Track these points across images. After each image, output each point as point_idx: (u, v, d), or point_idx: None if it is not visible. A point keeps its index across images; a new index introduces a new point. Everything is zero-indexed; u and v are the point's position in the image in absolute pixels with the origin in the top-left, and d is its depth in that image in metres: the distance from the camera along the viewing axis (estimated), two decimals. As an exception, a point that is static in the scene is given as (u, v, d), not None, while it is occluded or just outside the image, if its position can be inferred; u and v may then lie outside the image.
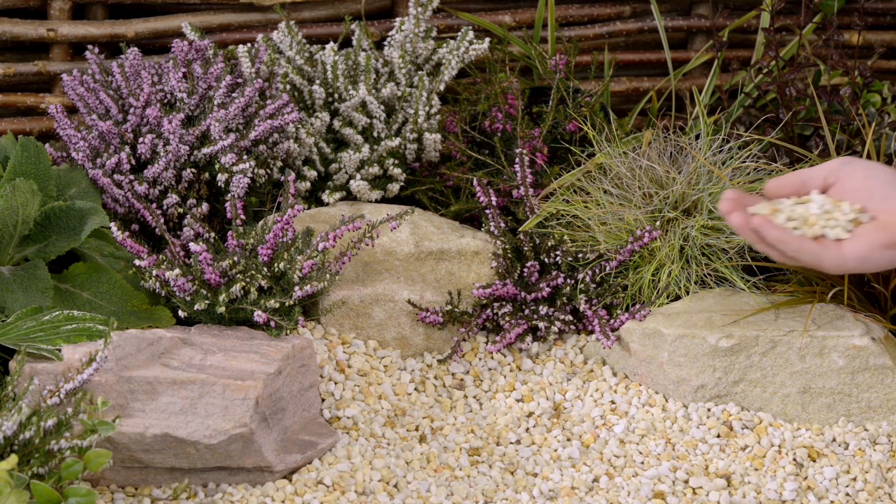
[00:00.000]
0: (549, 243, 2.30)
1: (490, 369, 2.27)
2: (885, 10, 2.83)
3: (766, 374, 2.18)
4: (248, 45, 2.46)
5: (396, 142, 2.44)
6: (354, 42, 2.52)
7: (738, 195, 1.74)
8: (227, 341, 2.09)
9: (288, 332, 2.14)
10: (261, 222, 2.23)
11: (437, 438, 2.14)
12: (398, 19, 2.54)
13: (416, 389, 2.23)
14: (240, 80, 2.42)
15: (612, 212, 2.30)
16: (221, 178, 2.32)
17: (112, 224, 2.15)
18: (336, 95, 2.46)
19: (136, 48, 2.43)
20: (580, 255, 2.31)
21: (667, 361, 2.20)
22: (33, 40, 2.51)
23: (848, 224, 1.67)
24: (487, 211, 2.32)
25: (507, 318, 2.27)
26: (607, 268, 2.30)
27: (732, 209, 1.70)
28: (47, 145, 2.35)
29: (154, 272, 2.15)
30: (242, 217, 2.22)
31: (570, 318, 2.28)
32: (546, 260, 2.31)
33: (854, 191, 1.73)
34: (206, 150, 2.32)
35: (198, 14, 2.56)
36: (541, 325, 2.27)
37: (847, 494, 2.07)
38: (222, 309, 2.12)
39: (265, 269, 2.15)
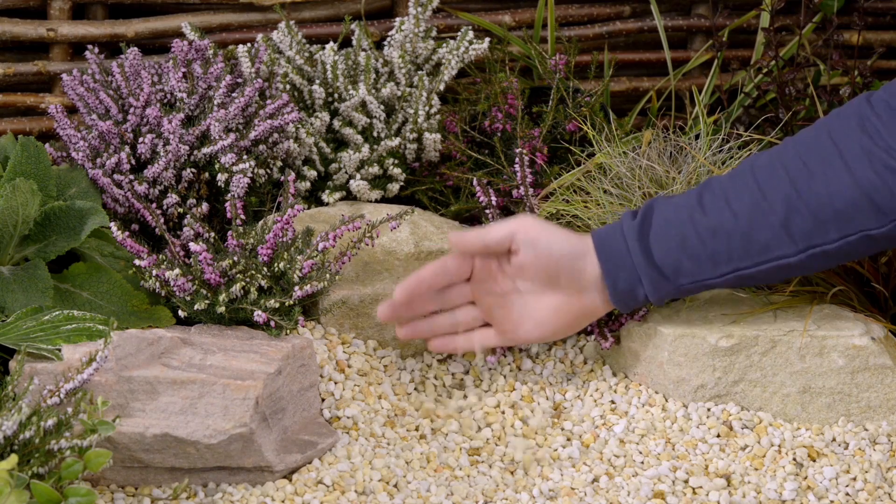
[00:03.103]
0: (549, 243, 2.30)
1: (490, 369, 2.27)
2: (885, 10, 2.83)
3: (765, 374, 2.18)
4: (248, 45, 2.46)
5: (396, 142, 2.44)
6: (354, 42, 2.52)
7: (407, 293, 1.74)
8: (227, 341, 2.09)
9: (288, 331, 2.14)
10: (261, 222, 2.23)
11: (437, 438, 2.14)
12: (398, 19, 2.54)
13: (415, 389, 2.23)
14: (240, 80, 2.42)
15: (612, 212, 2.30)
16: (221, 177, 2.32)
17: (112, 224, 2.15)
18: (336, 95, 2.46)
19: (136, 48, 2.43)
20: (580, 255, 2.30)
21: (666, 361, 2.20)
22: (33, 40, 2.51)
23: None
24: (487, 211, 2.32)
25: (506, 318, 2.27)
26: (607, 268, 2.30)
27: (402, 327, 1.74)
28: (47, 145, 2.35)
29: (154, 272, 2.15)
30: (242, 217, 2.22)
31: (570, 317, 2.28)
32: (546, 260, 2.31)
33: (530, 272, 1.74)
34: (206, 150, 2.32)
35: (198, 14, 2.56)
36: (541, 324, 2.27)
37: (847, 494, 2.07)
38: (222, 309, 2.12)
39: (265, 268, 2.15)
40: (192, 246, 2.14)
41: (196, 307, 2.13)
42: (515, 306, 1.72)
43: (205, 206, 2.35)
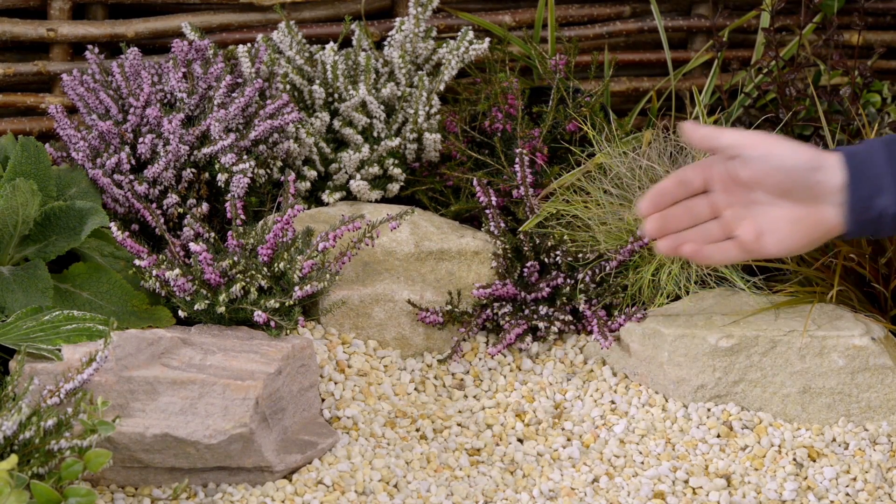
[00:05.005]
0: (549, 243, 2.30)
1: (490, 369, 2.27)
2: (885, 10, 2.83)
3: (766, 374, 2.18)
4: (248, 45, 2.45)
5: (396, 142, 2.44)
6: (354, 42, 2.52)
7: (652, 205, 1.72)
8: (227, 341, 2.09)
9: (288, 332, 2.14)
10: (261, 222, 2.23)
11: (437, 438, 2.14)
12: (398, 19, 2.54)
13: (416, 389, 2.23)
14: (240, 80, 2.42)
15: (612, 212, 2.30)
16: (221, 178, 2.32)
17: (112, 224, 2.15)
18: (336, 95, 2.46)
19: (136, 48, 2.43)
20: (580, 255, 2.31)
21: (667, 361, 2.20)
22: (33, 40, 2.51)
23: None
24: (487, 211, 2.32)
25: (506, 318, 2.27)
26: (607, 268, 2.30)
27: (661, 240, 1.71)
28: (47, 145, 2.35)
29: (154, 272, 2.15)
30: (242, 217, 2.22)
31: (570, 318, 2.28)
32: (546, 260, 2.31)
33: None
34: (206, 150, 2.32)
35: (198, 14, 2.56)
36: (540, 325, 2.27)
37: (847, 494, 2.07)
38: (222, 309, 2.12)
39: (265, 269, 2.15)
40: (192, 246, 2.14)
41: (196, 307, 2.12)
42: (755, 219, 1.74)
43: (205, 206, 2.35)
